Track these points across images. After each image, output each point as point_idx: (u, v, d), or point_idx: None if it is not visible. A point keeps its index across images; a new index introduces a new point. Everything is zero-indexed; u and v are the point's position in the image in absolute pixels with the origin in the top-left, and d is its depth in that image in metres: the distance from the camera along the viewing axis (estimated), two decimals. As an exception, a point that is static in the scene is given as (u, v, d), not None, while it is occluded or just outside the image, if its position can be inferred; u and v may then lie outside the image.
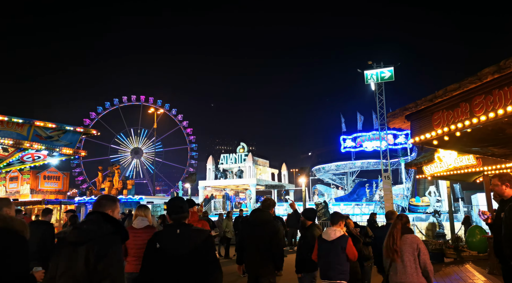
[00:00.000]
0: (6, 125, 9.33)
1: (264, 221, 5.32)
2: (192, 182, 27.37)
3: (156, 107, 55.68)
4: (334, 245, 5.19)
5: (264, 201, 5.76)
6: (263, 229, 5.24)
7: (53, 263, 2.85)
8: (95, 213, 2.99)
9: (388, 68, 19.78)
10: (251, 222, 5.48)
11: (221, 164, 37.52)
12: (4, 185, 37.15)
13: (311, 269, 5.46)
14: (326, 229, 5.44)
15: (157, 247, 3.17)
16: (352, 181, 44.64)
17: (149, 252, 3.22)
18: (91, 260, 2.70)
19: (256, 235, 5.29)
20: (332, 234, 5.25)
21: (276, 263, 5.23)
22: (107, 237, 2.81)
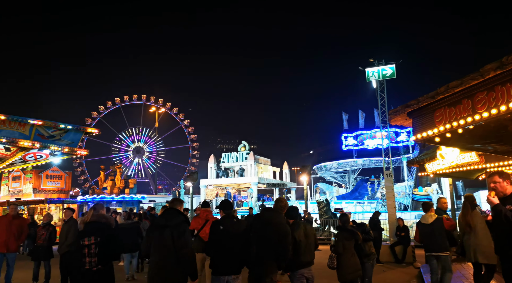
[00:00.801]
0: (8, 124, 9.35)
1: (276, 222, 5.31)
2: (194, 180, 27.37)
3: (157, 106, 55.73)
4: (432, 226, 6.79)
5: (277, 201, 5.74)
6: (273, 229, 5.23)
7: (147, 239, 4.81)
8: (172, 209, 4.95)
9: (389, 66, 19.69)
10: (261, 221, 5.47)
11: (223, 162, 37.56)
12: (7, 184, 37.25)
13: (297, 267, 5.36)
14: (423, 215, 7.13)
15: (221, 228, 5.14)
16: (354, 179, 44.62)
17: (215, 231, 5.17)
18: (174, 236, 4.57)
19: (267, 234, 5.26)
20: (430, 219, 6.89)
21: (280, 264, 5.25)
22: (182, 223, 4.74)
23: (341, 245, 6.11)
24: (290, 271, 5.48)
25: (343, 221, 6.52)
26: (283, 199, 5.86)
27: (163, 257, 4.56)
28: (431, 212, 7.04)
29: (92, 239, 5.04)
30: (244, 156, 36.71)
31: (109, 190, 34.68)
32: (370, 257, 7.22)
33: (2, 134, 9.29)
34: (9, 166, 12.46)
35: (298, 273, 5.40)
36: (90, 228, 5.18)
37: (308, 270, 5.48)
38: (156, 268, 4.58)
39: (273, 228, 5.24)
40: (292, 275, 5.47)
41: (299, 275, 5.40)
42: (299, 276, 5.40)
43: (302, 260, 5.38)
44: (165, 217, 4.77)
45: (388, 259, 12.40)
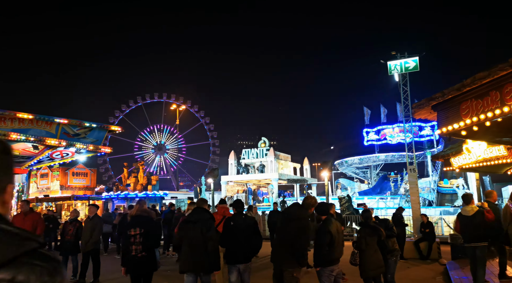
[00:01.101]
0: (36, 123, 9.67)
1: (297, 217, 5.35)
2: (215, 177, 27.58)
3: (178, 103, 56.38)
4: (473, 218, 6.86)
5: (306, 198, 5.76)
6: (293, 224, 5.28)
7: (180, 232, 5.87)
8: (200, 207, 5.98)
9: (412, 58, 19.20)
10: (285, 216, 5.58)
11: (243, 159, 37.68)
12: (35, 182, 38.55)
13: (328, 263, 5.33)
14: (464, 207, 7.17)
15: (231, 224, 5.92)
16: (376, 174, 43.93)
17: (227, 226, 5.97)
18: (203, 231, 5.49)
19: (286, 229, 5.34)
20: (471, 211, 6.94)
21: (298, 260, 5.24)
22: (208, 220, 5.73)
23: (364, 242, 6.03)
24: (320, 266, 5.42)
25: (365, 217, 6.44)
26: (312, 197, 5.86)
27: (194, 247, 5.53)
28: (472, 204, 7.14)
29: (137, 230, 5.72)
30: (264, 152, 36.71)
31: (132, 187, 35.37)
32: (394, 253, 7.09)
33: (30, 133, 9.61)
34: (37, 163, 12.90)
35: (327, 269, 5.34)
36: (136, 221, 5.88)
37: (337, 266, 5.43)
38: (188, 256, 5.58)
39: (294, 223, 5.29)
40: (321, 271, 5.40)
41: (329, 271, 5.34)
42: (328, 272, 5.34)
43: (334, 257, 5.35)
44: (195, 215, 5.81)
45: (412, 256, 12.17)
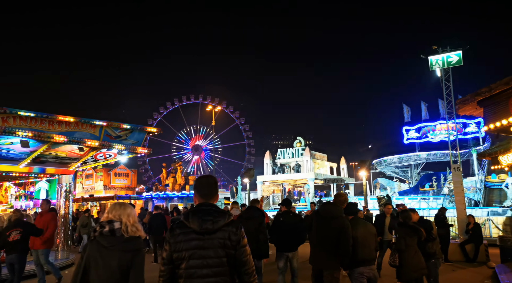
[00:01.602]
0: (81, 126, 10.15)
1: (334, 215, 5.27)
2: (250, 177, 27.78)
3: (214, 104, 57.28)
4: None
5: (337, 196, 5.70)
6: (331, 223, 5.20)
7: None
8: (253, 206, 7.12)
9: (455, 52, 18.32)
10: (321, 215, 5.48)
11: (278, 158, 37.62)
12: (81, 182, 40.58)
13: (354, 264, 5.17)
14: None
15: (281, 220, 6.98)
16: (417, 174, 42.37)
17: (276, 222, 7.08)
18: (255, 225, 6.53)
19: (325, 229, 5.27)
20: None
21: (342, 260, 5.14)
22: (260, 216, 6.85)
23: (403, 242, 5.85)
24: (349, 268, 5.30)
25: (404, 217, 6.27)
26: (342, 194, 5.75)
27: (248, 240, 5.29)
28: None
29: None
30: (299, 152, 36.46)
31: (171, 187, 36.37)
32: (434, 255, 6.81)
33: (76, 136, 10.10)
34: (83, 164, 13.54)
35: (357, 272, 5.18)
36: None
37: (368, 269, 5.22)
38: None
39: (331, 222, 5.20)
40: (351, 273, 5.28)
41: (358, 274, 5.17)
42: (358, 275, 5.17)
43: (359, 258, 5.17)
44: (249, 212, 6.90)
45: (458, 258, 11.62)
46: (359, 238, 5.20)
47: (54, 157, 11.91)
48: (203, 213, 2.63)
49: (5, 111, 8.60)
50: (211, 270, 2.52)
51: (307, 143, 39.30)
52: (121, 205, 3.02)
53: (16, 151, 10.70)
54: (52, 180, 26.27)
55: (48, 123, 9.55)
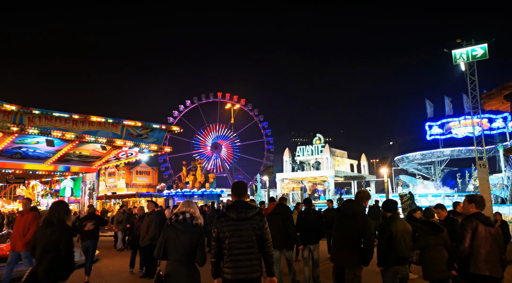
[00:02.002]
0: (104, 125, 10.36)
1: (355, 213, 5.25)
2: (270, 174, 27.70)
3: (233, 102, 57.45)
4: None
5: (358, 193, 5.68)
6: (354, 221, 5.17)
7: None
8: (281, 203, 8.01)
9: (480, 45, 17.75)
10: (342, 212, 5.46)
11: (298, 156, 37.40)
12: (104, 180, 41.49)
13: (392, 263, 5.09)
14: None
15: (303, 216, 8.16)
16: (440, 170, 41.32)
17: (300, 218, 8.21)
18: (284, 220, 7.27)
19: (346, 225, 5.25)
20: None
21: (365, 258, 5.10)
22: (287, 212, 7.64)
23: (423, 240, 5.70)
24: (383, 266, 5.21)
25: (426, 215, 6.16)
26: (364, 190, 5.70)
27: (277, 232, 7.00)
28: None
29: None
30: (319, 149, 36.14)
31: (191, 185, 36.70)
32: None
33: (99, 135, 10.32)
34: (105, 163, 13.83)
35: (391, 270, 5.09)
36: None
37: (403, 268, 5.14)
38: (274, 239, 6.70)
39: (354, 220, 5.17)
40: (384, 271, 5.19)
41: (393, 272, 5.08)
42: (392, 273, 5.08)
43: (397, 256, 5.08)
44: (278, 208, 7.69)
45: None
46: (397, 236, 5.10)
47: (78, 156, 12.21)
48: (238, 207, 3.90)
49: (31, 111, 8.86)
50: (245, 244, 3.81)
51: (326, 140, 38.91)
52: (189, 202, 4.27)
53: (42, 150, 11.02)
54: (77, 178, 26.98)
55: (72, 123, 9.79)
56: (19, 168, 11.92)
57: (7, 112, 8.51)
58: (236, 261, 3.78)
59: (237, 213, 3.86)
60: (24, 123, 8.79)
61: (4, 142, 9.65)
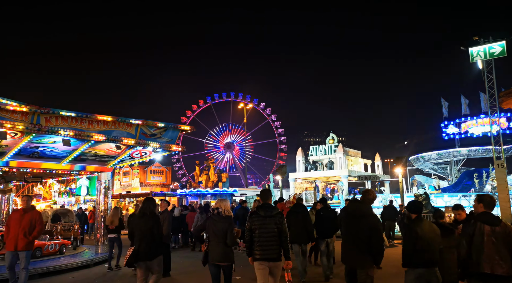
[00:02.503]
0: (118, 125, 10.49)
1: (364, 213, 5.30)
2: (283, 174, 27.65)
3: (246, 102, 57.50)
4: None
5: (365, 193, 5.64)
6: (363, 222, 5.21)
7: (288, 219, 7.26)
8: (298, 203, 9.13)
9: (498, 43, 17.34)
10: (350, 213, 5.51)
11: (311, 155, 37.21)
12: (118, 179, 42.01)
13: (416, 265, 4.98)
14: None
15: (321, 214, 9.15)
16: (456, 170, 40.55)
17: (318, 216, 9.24)
18: (303, 217, 8.39)
19: (355, 227, 5.28)
20: None
21: (376, 259, 5.16)
22: (305, 210, 8.75)
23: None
24: (407, 267, 5.11)
25: (436, 216, 6.13)
26: (371, 191, 5.68)
27: (297, 229, 8.26)
28: None
29: None
30: (332, 149, 35.88)
31: (204, 184, 36.87)
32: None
33: (113, 134, 10.45)
34: (120, 162, 14.00)
35: (414, 272, 4.99)
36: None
37: (431, 271, 4.98)
38: (294, 232, 8.10)
39: (363, 221, 5.22)
40: (408, 273, 5.09)
41: (417, 274, 4.97)
42: (416, 275, 4.97)
43: (423, 257, 4.95)
44: (297, 207, 8.75)
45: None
46: (423, 238, 4.98)
47: (94, 155, 12.39)
48: (266, 207, 5.42)
49: (48, 111, 9.02)
50: (269, 234, 5.25)
51: (340, 140, 38.60)
52: (222, 200, 5.97)
53: (58, 149, 11.23)
54: (92, 177, 27.38)
55: (88, 123, 9.93)
56: (36, 167, 12.16)
57: (24, 112, 8.69)
58: (263, 246, 5.19)
59: (264, 212, 5.32)
60: (41, 123, 8.96)
61: (22, 142, 9.86)
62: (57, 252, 12.03)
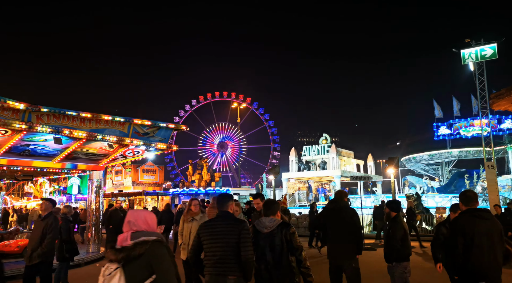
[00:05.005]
0: (111, 124, 10.41)
1: (342, 206, 5.79)
2: (276, 174, 27.65)
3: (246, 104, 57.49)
4: None
5: (337, 193, 6.22)
6: (343, 213, 5.68)
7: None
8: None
9: (489, 45, 17.55)
10: (332, 209, 5.96)
11: (304, 155, 37.30)
12: (110, 178, 41.76)
13: (401, 259, 5.37)
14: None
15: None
16: (448, 171, 40.94)
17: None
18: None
19: (338, 220, 5.70)
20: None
21: (358, 247, 5.51)
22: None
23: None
24: (394, 262, 5.43)
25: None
26: (342, 190, 6.28)
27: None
28: None
29: None
30: (325, 149, 36.01)
31: (197, 183, 36.80)
32: None
33: (106, 133, 10.37)
34: (112, 161, 13.91)
35: (402, 266, 5.38)
36: None
37: (409, 264, 5.50)
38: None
39: (342, 213, 5.69)
40: (394, 267, 5.42)
41: (402, 268, 5.38)
42: (402, 269, 5.38)
43: (407, 253, 5.42)
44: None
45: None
46: (407, 235, 5.45)
47: (86, 154, 12.29)
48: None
49: (39, 109, 8.93)
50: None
51: (333, 140, 38.74)
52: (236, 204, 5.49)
53: (50, 147, 11.11)
54: (84, 176, 27.18)
55: (80, 121, 9.85)
56: (27, 165, 12.03)
57: (15, 110, 8.60)
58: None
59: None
60: (32, 121, 8.87)
61: (13, 140, 9.74)
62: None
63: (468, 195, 4.09)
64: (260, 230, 3.92)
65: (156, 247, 2.55)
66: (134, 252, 2.46)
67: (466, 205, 4.04)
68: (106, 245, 12.39)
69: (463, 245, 3.69)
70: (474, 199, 4.00)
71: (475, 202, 3.99)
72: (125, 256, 2.46)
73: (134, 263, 2.46)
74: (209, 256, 3.63)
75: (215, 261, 3.58)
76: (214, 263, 3.59)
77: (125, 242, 2.52)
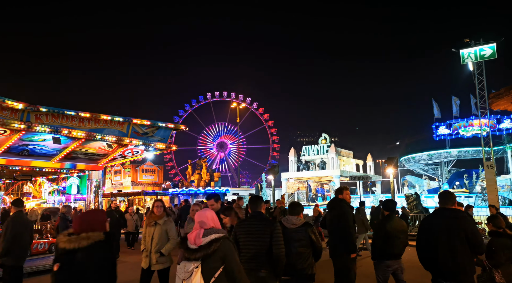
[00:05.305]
0: (110, 123, 10.39)
1: (334, 206, 5.84)
2: (275, 174, 27.64)
3: (247, 105, 57.48)
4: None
5: (337, 191, 6.22)
6: (333, 212, 5.77)
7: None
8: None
9: (489, 45, 17.56)
10: (327, 207, 6.13)
11: (303, 155, 37.32)
12: (110, 178, 41.73)
13: (383, 257, 5.46)
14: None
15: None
16: (447, 171, 40.99)
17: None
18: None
19: (328, 218, 5.87)
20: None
21: (344, 245, 5.45)
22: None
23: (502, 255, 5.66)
24: (375, 259, 5.59)
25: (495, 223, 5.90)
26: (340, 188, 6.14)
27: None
28: None
29: None
30: (325, 149, 36.03)
31: (196, 183, 36.78)
32: None
33: (105, 133, 10.35)
34: (111, 161, 13.88)
35: (383, 264, 5.48)
36: None
37: (396, 262, 5.51)
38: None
39: (332, 211, 5.80)
40: (377, 264, 5.57)
41: (384, 266, 5.47)
42: (384, 267, 5.48)
43: (389, 252, 5.43)
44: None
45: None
46: (391, 234, 5.43)
47: (85, 154, 12.27)
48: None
49: (38, 108, 8.92)
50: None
51: (332, 140, 38.77)
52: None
53: (48, 147, 11.09)
54: (83, 175, 27.15)
55: (79, 121, 9.82)
56: (26, 165, 12.00)
57: (14, 109, 8.57)
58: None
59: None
60: (31, 120, 8.85)
61: (12, 139, 9.72)
62: (47, 251, 11.91)
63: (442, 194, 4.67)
64: (287, 226, 4.55)
65: (227, 243, 3.08)
66: (210, 250, 2.96)
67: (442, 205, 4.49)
68: None
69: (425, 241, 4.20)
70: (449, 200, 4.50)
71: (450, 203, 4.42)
72: (202, 255, 2.95)
73: (209, 259, 2.96)
74: (244, 253, 4.05)
75: (249, 257, 4.01)
76: (248, 259, 4.00)
77: (198, 239, 3.00)
